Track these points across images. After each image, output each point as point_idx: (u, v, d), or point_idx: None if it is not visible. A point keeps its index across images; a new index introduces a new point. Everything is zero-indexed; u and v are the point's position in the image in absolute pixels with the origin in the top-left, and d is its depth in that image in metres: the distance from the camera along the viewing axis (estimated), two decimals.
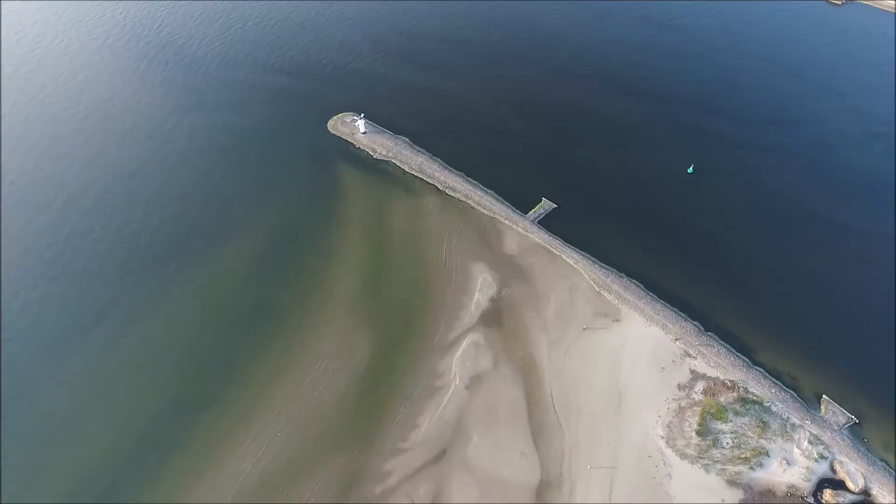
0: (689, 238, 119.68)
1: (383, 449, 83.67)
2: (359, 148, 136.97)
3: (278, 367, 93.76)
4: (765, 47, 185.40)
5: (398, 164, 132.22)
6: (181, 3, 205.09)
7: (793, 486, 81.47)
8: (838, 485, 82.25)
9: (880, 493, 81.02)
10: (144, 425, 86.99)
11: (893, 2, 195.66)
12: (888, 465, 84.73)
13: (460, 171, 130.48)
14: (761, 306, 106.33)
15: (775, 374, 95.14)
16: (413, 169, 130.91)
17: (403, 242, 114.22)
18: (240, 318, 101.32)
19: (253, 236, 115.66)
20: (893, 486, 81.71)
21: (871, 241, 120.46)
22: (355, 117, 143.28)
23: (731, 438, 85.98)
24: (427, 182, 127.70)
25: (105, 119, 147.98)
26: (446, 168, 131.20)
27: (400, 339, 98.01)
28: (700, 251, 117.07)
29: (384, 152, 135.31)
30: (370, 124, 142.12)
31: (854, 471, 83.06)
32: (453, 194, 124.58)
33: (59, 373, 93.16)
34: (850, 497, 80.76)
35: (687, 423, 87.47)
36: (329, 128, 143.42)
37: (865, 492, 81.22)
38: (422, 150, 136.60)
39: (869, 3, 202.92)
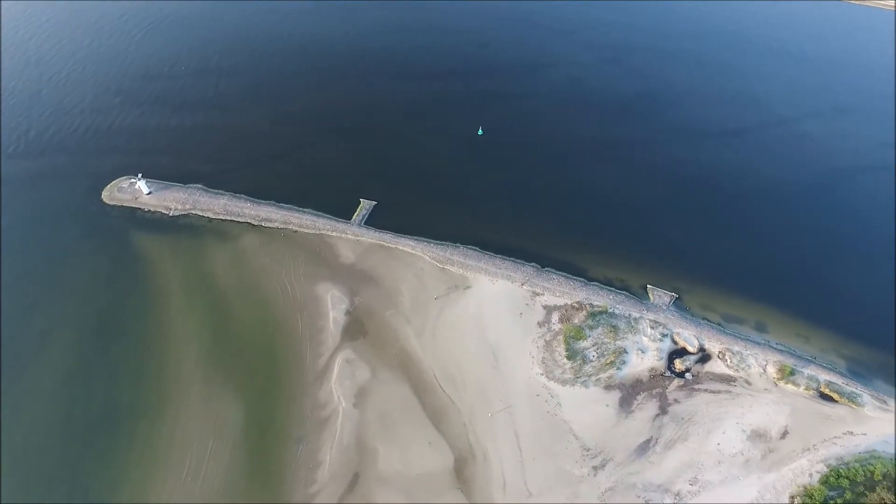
0: (499, 191, 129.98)
1: (294, 501, 78.76)
2: (149, 210, 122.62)
3: (147, 468, 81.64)
4: (493, 7, 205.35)
5: (200, 214, 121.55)
6: None
7: (653, 369, 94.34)
8: (682, 352, 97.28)
9: (711, 344, 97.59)
10: None
11: None
12: (709, 320, 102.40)
13: (269, 199, 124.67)
14: (573, 229, 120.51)
15: (608, 283, 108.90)
16: (218, 213, 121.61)
17: (237, 290, 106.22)
18: (82, 433, 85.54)
19: (61, 343, 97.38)
20: (718, 336, 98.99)
21: (635, 148, 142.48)
22: (133, 179, 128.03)
23: (595, 350, 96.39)
24: (238, 222, 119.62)
25: None
26: (253, 201, 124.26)
27: (270, 386, 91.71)
28: (512, 199, 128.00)
29: (179, 206, 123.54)
30: (153, 182, 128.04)
31: (689, 336, 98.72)
32: (271, 225, 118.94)
33: None
34: (692, 358, 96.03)
35: (557, 353, 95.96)
36: (105, 199, 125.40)
37: (701, 348, 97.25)
38: (220, 191, 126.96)
39: None
